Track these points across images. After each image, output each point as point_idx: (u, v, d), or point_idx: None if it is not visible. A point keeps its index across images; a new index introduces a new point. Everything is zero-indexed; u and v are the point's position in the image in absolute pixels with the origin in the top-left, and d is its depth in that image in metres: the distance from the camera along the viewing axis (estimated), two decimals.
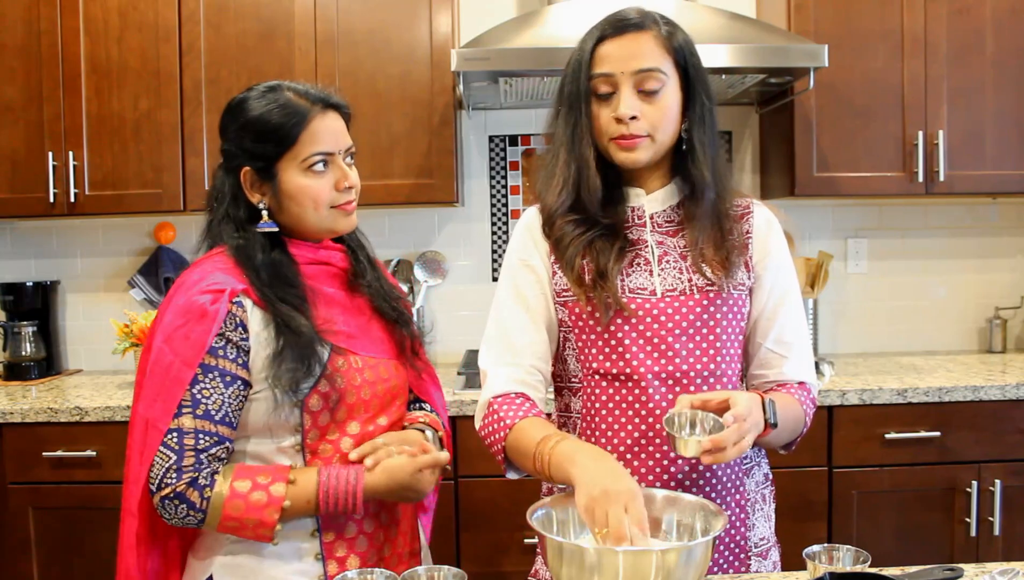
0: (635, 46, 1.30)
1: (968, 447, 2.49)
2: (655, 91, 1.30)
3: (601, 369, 1.34)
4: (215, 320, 1.27)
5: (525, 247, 1.41)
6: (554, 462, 1.18)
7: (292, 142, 1.32)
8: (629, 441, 1.32)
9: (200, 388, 1.26)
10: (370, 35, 2.71)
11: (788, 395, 1.36)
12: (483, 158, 3.11)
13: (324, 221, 1.36)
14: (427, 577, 1.14)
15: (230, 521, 1.25)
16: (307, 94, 1.35)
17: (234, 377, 1.28)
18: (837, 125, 2.75)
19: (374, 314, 1.45)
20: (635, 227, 1.38)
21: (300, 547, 1.33)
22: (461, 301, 3.13)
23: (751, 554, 1.38)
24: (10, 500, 2.46)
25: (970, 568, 1.24)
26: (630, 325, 1.32)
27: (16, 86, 2.71)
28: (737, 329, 1.37)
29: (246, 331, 1.29)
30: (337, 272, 1.44)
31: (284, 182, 1.33)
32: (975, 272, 3.19)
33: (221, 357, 1.27)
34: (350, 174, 1.37)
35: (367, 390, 1.37)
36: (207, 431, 1.25)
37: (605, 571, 0.99)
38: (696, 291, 1.33)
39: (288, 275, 1.33)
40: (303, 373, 1.28)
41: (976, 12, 2.74)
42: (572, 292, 1.35)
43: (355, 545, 1.36)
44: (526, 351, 1.36)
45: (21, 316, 2.97)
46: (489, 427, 1.33)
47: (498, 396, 1.34)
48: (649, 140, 1.32)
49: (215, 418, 1.26)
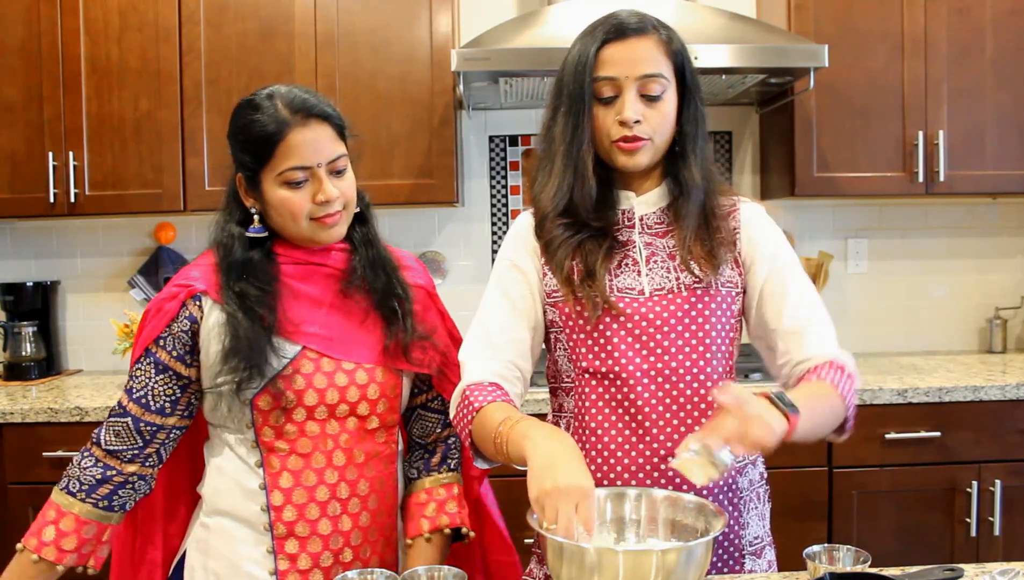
0: (639, 50, 1.31)
1: (968, 447, 2.49)
2: (657, 96, 1.32)
3: (591, 368, 1.34)
4: (169, 316, 1.36)
5: (515, 250, 1.41)
6: (511, 440, 1.17)
7: (269, 156, 1.32)
8: (620, 439, 1.32)
9: (135, 369, 1.38)
10: (370, 35, 2.71)
11: (807, 382, 1.28)
12: (483, 158, 3.11)
13: (304, 232, 1.36)
14: (427, 577, 1.15)
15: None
16: (291, 104, 1.32)
17: (167, 367, 1.37)
18: (837, 125, 2.75)
19: (369, 316, 1.44)
20: (624, 229, 1.38)
21: (256, 537, 1.37)
22: (461, 301, 3.11)
23: (745, 553, 1.38)
24: (10, 500, 2.46)
25: (970, 568, 1.24)
26: (619, 323, 1.32)
27: (16, 86, 2.71)
28: (727, 327, 1.37)
29: (195, 326, 1.36)
30: (332, 272, 1.43)
31: (266, 193, 1.35)
32: (975, 272, 3.19)
33: (161, 347, 1.37)
34: (327, 188, 1.33)
35: (334, 393, 1.38)
36: (121, 404, 1.38)
37: (605, 571, 0.99)
38: (684, 289, 1.34)
39: (260, 275, 1.36)
40: (246, 375, 1.32)
41: (976, 12, 2.74)
42: (561, 292, 1.35)
43: (307, 544, 1.37)
44: (506, 347, 1.36)
45: (21, 316, 2.97)
46: (460, 413, 1.31)
47: (472, 384, 1.32)
48: (650, 143, 1.33)
49: (132, 397, 1.37)
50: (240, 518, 1.38)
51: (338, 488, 1.39)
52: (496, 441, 1.20)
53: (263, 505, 1.37)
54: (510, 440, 1.17)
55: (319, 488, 1.38)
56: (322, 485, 1.38)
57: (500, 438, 1.19)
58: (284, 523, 1.36)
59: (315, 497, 1.37)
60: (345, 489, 1.39)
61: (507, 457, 1.19)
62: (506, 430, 1.18)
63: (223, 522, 1.40)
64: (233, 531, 1.39)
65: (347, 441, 1.40)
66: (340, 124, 1.39)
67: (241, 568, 1.38)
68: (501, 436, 1.19)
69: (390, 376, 1.44)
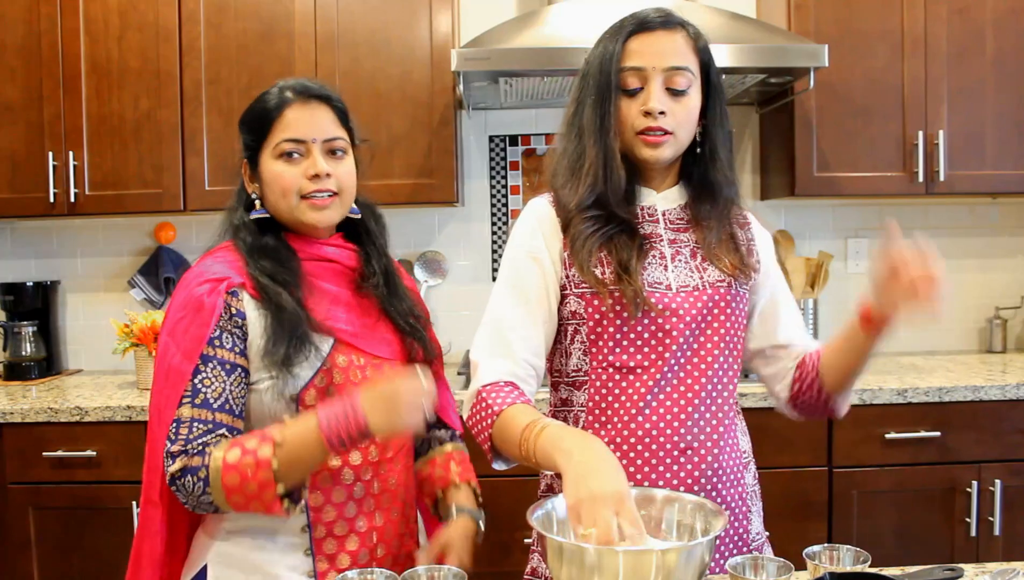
0: (667, 43, 1.32)
1: (968, 447, 2.49)
2: (683, 90, 1.32)
3: (617, 361, 1.34)
4: (213, 312, 1.29)
5: (535, 239, 1.38)
6: (540, 446, 1.16)
7: (268, 131, 1.36)
8: (640, 432, 1.32)
9: (201, 378, 1.28)
10: (370, 35, 2.71)
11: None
12: (483, 158, 3.11)
13: (293, 211, 1.35)
14: (427, 577, 1.14)
15: (235, 495, 1.23)
16: (294, 87, 1.37)
17: (234, 365, 1.30)
18: (837, 125, 2.75)
19: (382, 317, 1.44)
20: (647, 223, 1.39)
21: (291, 541, 1.34)
22: (461, 301, 3.13)
23: (751, 547, 1.40)
24: (10, 500, 2.46)
25: (970, 568, 1.25)
26: (649, 318, 1.33)
27: (16, 86, 2.71)
28: (741, 324, 1.40)
29: (243, 320, 1.31)
30: (343, 270, 1.43)
31: (263, 170, 1.37)
32: (975, 272, 3.19)
33: (219, 347, 1.29)
34: (319, 162, 1.34)
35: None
36: (202, 419, 1.26)
37: (605, 571, 0.99)
38: (708, 287, 1.36)
39: (283, 258, 1.36)
40: (295, 349, 1.29)
41: (976, 12, 2.74)
42: (591, 285, 1.34)
43: (345, 543, 1.35)
44: (520, 345, 1.35)
45: (21, 316, 2.97)
46: (477, 415, 1.31)
47: (488, 385, 1.32)
48: (673, 137, 1.34)
49: (213, 406, 1.27)
50: (272, 524, 1.32)
51: (372, 484, 1.38)
52: (523, 446, 1.19)
53: (301, 506, 1.31)
54: (538, 447, 1.17)
55: (356, 485, 1.36)
56: (359, 482, 1.36)
57: (526, 443, 1.19)
58: (324, 524, 1.34)
59: (353, 495, 1.36)
60: (378, 484, 1.38)
61: (535, 463, 1.19)
62: (533, 436, 1.18)
63: (251, 532, 1.34)
64: (263, 539, 1.33)
65: (381, 436, 1.36)
66: (342, 109, 1.40)
67: (274, 574, 1.33)
68: (527, 442, 1.18)
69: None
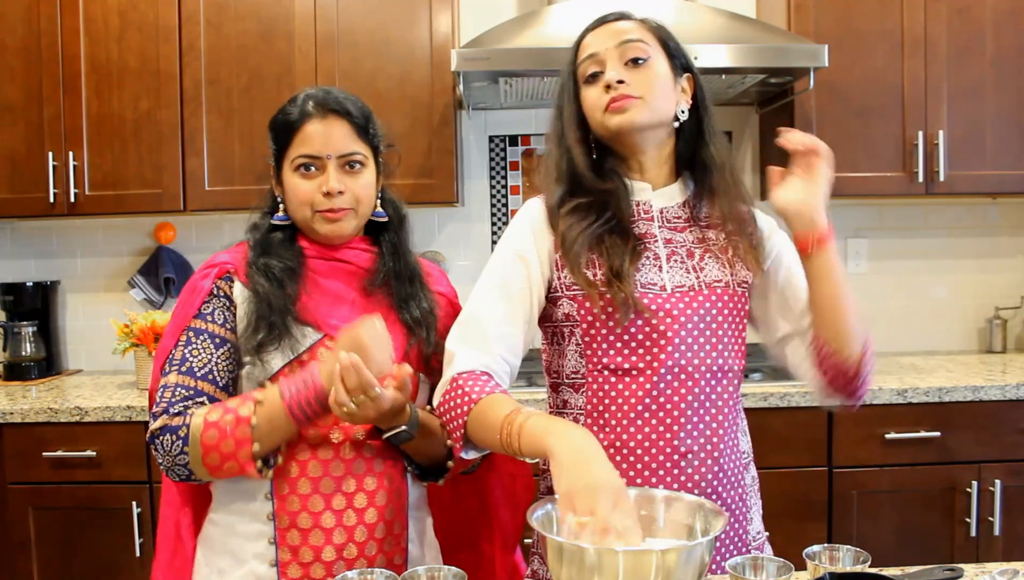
0: (617, 27, 1.37)
1: (968, 447, 2.49)
2: (643, 59, 1.34)
3: (612, 364, 1.33)
4: (205, 291, 1.39)
5: (524, 239, 1.39)
6: (526, 432, 1.15)
7: (288, 143, 1.41)
8: (639, 436, 1.32)
9: (190, 348, 1.36)
10: (370, 35, 2.71)
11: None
12: (483, 158, 3.11)
13: (309, 222, 1.41)
14: (427, 577, 1.14)
15: (211, 453, 1.28)
16: (316, 98, 1.40)
17: (224, 340, 1.37)
18: (837, 125, 2.75)
19: (390, 319, 1.43)
20: (642, 221, 1.38)
21: (260, 529, 1.37)
22: (461, 301, 3.12)
23: (751, 547, 1.39)
24: (10, 500, 2.46)
25: (970, 568, 1.25)
26: (643, 320, 1.32)
27: (16, 86, 2.71)
28: (740, 325, 1.39)
29: (231, 304, 1.39)
30: (356, 270, 1.45)
31: (284, 178, 1.43)
32: (975, 272, 3.19)
33: (210, 321, 1.37)
34: (331, 180, 1.37)
35: None
36: (185, 385, 1.33)
37: (605, 571, 0.99)
38: (704, 287, 1.35)
39: (283, 253, 1.41)
40: (269, 337, 1.34)
41: (976, 12, 2.74)
42: (582, 288, 1.33)
43: (309, 537, 1.36)
44: (497, 342, 1.34)
45: (21, 316, 2.97)
46: (451, 402, 1.28)
47: (464, 373, 1.30)
48: (641, 101, 1.33)
49: (197, 374, 1.34)
50: (244, 508, 1.38)
51: (344, 482, 1.38)
52: (504, 432, 1.18)
53: (267, 493, 1.36)
54: (524, 432, 1.15)
55: (324, 480, 1.37)
56: (327, 477, 1.37)
57: (510, 429, 1.17)
58: (288, 514, 1.36)
59: (319, 489, 1.37)
60: (352, 483, 1.38)
61: (517, 449, 1.17)
62: (519, 422, 1.16)
63: (228, 514, 1.40)
64: (236, 523, 1.39)
65: (358, 434, 1.39)
66: (361, 124, 1.42)
67: (242, 559, 1.38)
68: (512, 427, 1.17)
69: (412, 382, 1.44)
